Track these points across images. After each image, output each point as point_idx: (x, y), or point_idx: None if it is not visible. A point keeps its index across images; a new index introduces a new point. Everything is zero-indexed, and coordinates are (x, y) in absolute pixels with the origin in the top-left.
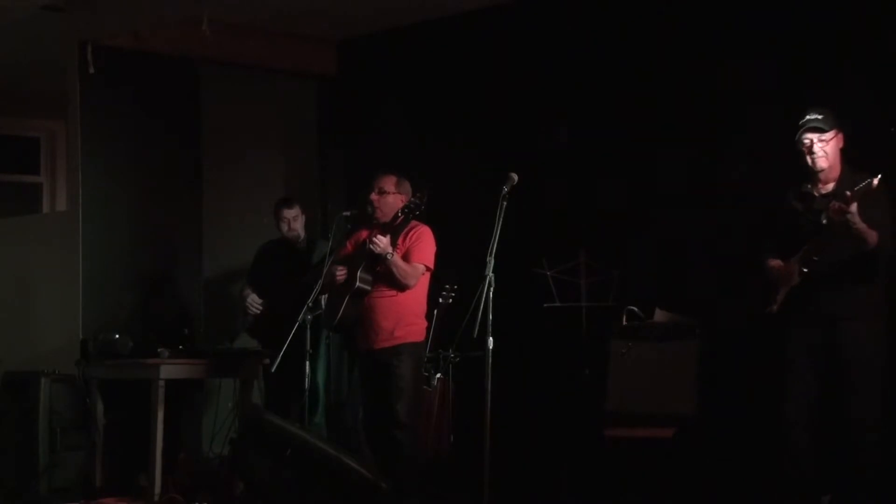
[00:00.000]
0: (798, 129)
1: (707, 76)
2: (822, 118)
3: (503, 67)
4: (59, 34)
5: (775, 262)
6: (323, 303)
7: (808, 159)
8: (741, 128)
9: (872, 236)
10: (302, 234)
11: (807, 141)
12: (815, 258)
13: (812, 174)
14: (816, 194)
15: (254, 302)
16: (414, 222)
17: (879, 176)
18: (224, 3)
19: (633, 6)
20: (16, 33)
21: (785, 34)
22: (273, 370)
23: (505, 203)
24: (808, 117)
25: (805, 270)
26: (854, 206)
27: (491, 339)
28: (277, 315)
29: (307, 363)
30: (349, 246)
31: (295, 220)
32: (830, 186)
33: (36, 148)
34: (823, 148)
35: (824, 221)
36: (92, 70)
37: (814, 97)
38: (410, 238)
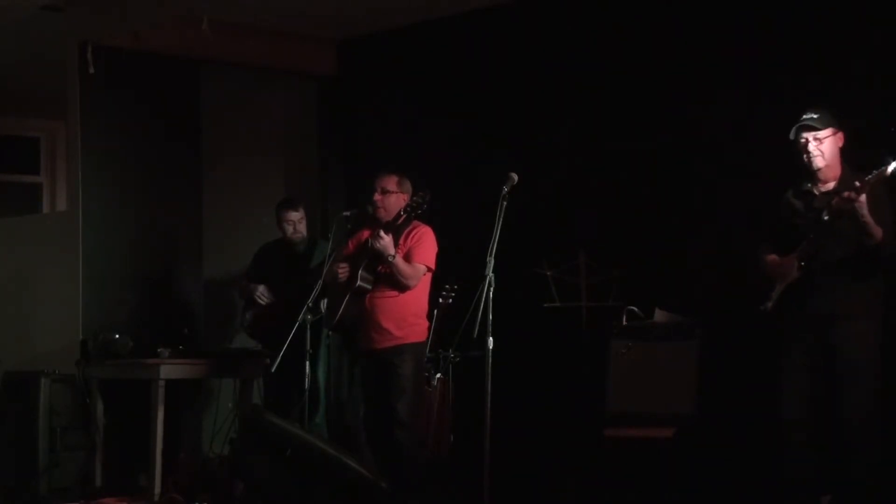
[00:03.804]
0: (795, 128)
1: (707, 76)
2: (818, 117)
3: (503, 67)
4: (59, 34)
5: (772, 258)
6: (323, 306)
7: (805, 158)
8: (742, 127)
9: (878, 231)
10: (303, 234)
11: (802, 140)
12: (814, 254)
13: (811, 173)
14: (816, 193)
15: (263, 294)
16: (416, 222)
17: (894, 164)
18: (224, 3)
19: (633, 6)
20: (16, 33)
21: (786, 34)
22: (273, 370)
23: (505, 203)
24: (804, 117)
25: (803, 264)
26: (863, 197)
27: (491, 339)
28: (277, 315)
29: (307, 363)
30: (351, 245)
31: (300, 223)
32: (831, 185)
33: (36, 148)
34: (819, 147)
35: (826, 218)
36: (92, 70)
37: (814, 96)
38: (412, 238)
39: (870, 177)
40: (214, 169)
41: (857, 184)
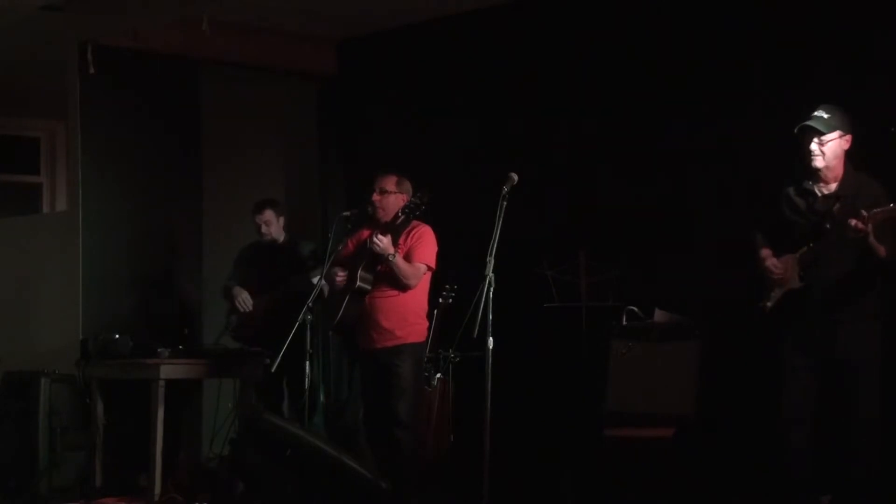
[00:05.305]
0: (800, 124)
1: (707, 76)
2: (827, 118)
3: (503, 67)
4: (59, 34)
5: (768, 256)
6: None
7: (806, 156)
8: (742, 127)
9: (882, 249)
10: (281, 236)
11: (805, 139)
12: (814, 261)
13: (811, 172)
14: (818, 193)
15: (245, 300)
16: (415, 222)
17: None
18: (224, 3)
19: (633, 5)
20: (16, 33)
21: (785, 34)
22: (273, 370)
23: (505, 203)
24: (814, 114)
25: (802, 274)
26: (871, 227)
27: (491, 339)
28: (261, 317)
29: (307, 363)
30: (350, 245)
31: (268, 225)
32: (833, 186)
33: (36, 148)
34: (820, 148)
35: (828, 226)
36: (92, 70)
37: (814, 96)
38: (412, 238)
39: (878, 210)
40: (214, 169)
41: (865, 214)
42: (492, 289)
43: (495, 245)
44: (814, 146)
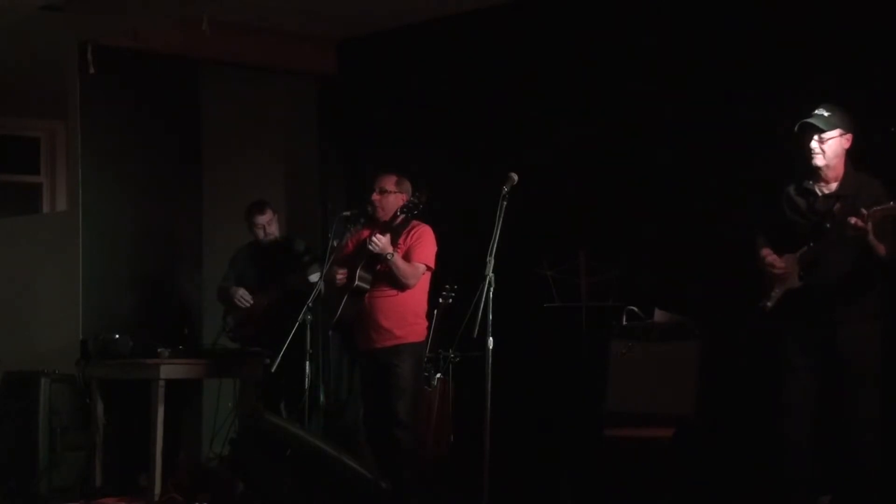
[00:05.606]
0: (800, 123)
1: (707, 75)
2: (827, 116)
3: (503, 67)
4: (59, 34)
5: (769, 254)
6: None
7: (805, 154)
8: (742, 127)
9: (882, 248)
10: (278, 234)
11: (806, 137)
12: (814, 260)
13: (811, 171)
14: (819, 193)
15: (244, 297)
16: (414, 221)
17: None
18: (224, 3)
19: (633, 5)
20: (16, 33)
21: (786, 33)
22: (273, 370)
23: (505, 203)
24: (815, 112)
25: (802, 274)
26: (870, 225)
27: (491, 339)
28: (259, 318)
29: (307, 363)
30: (350, 245)
31: (270, 224)
32: (834, 186)
33: (36, 148)
34: (821, 146)
35: (828, 226)
36: (92, 70)
37: (814, 96)
38: (411, 237)
39: (878, 208)
40: (214, 169)
41: (864, 212)
42: (492, 289)
43: (495, 245)
44: (814, 144)
